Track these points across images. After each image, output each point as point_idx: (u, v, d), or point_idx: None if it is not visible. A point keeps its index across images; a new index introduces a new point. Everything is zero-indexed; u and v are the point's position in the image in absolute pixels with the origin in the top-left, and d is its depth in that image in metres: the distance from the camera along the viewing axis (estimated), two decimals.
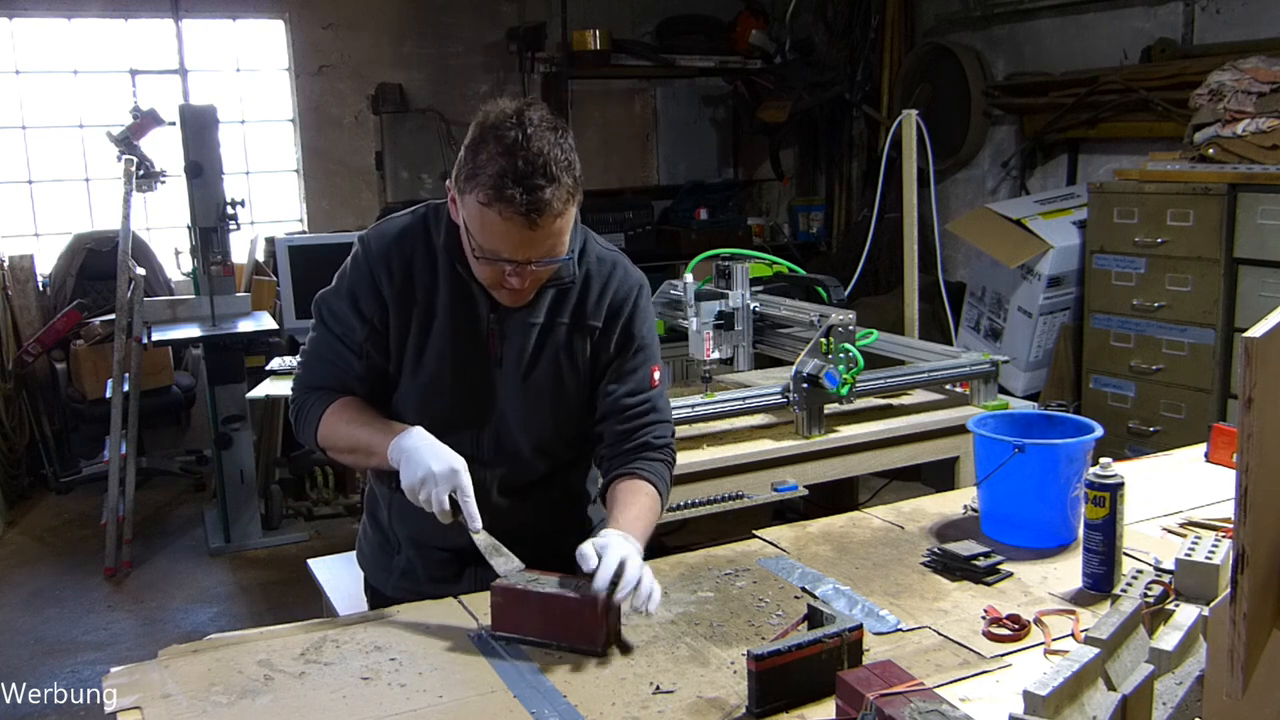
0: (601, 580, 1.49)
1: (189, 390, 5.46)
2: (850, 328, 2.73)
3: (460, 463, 1.59)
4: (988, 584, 1.74)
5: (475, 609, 1.66)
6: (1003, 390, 3.17)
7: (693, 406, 2.63)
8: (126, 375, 4.58)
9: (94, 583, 4.31)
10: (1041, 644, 1.53)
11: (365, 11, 5.97)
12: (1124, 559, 1.71)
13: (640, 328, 1.78)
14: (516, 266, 1.57)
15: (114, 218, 4.83)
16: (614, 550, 1.52)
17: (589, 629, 1.52)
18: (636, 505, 1.69)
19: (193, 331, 4.61)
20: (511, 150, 1.49)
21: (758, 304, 3.14)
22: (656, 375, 1.83)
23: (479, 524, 1.60)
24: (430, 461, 1.57)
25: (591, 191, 5.23)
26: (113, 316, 4.69)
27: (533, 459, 1.77)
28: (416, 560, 1.83)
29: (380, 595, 1.89)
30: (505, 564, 1.60)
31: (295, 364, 1.82)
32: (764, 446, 2.69)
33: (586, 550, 1.53)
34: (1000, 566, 1.77)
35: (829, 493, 3.24)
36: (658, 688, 1.43)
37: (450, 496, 1.58)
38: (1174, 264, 4.09)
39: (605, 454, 1.80)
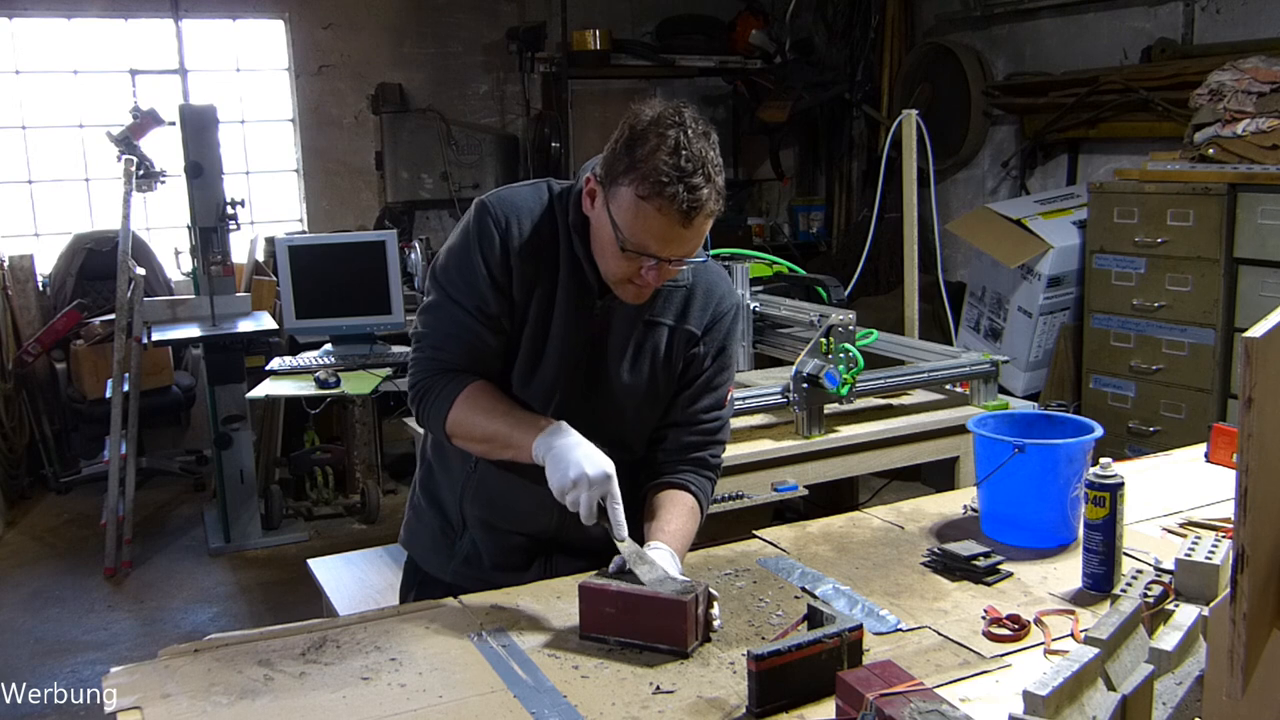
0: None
1: (189, 390, 5.46)
2: (850, 328, 2.73)
3: (611, 467, 1.59)
4: (988, 584, 1.74)
5: (475, 608, 1.66)
6: (1003, 390, 3.17)
7: None
8: (126, 375, 4.58)
9: (94, 583, 4.31)
10: (1041, 644, 1.53)
11: (365, 11, 5.98)
12: (1124, 559, 1.71)
13: (733, 346, 1.83)
14: (656, 263, 1.57)
15: (114, 218, 4.83)
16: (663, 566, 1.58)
17: (675, 629, 1.50)
18: (679, 518, 1.73)
19: (193, 331, 4.61)
20: (675, 149, 1.50)
21: (758, 304, 3.14)
22: (730, 395, 1.87)
23: (625, 532, 1.59)
24: (585, 464, 1.57)
25: None
26: (113, 316, 4.69)
27: (611, 447, 1.76)
28: (483, 544, 1.81)
29: (433, 582, 1.85)
30: (649, 572, 1.54)
31: (412, 343, 1.77)
32: (764, 446, 2.69)
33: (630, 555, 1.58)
34: (1000, 566, 1.77)
35: (829, 493, 3.24)
36: (658, 688, 1.43)
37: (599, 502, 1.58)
38: (1174, 264, 4.09)
39: (661, 458, 1.82)
